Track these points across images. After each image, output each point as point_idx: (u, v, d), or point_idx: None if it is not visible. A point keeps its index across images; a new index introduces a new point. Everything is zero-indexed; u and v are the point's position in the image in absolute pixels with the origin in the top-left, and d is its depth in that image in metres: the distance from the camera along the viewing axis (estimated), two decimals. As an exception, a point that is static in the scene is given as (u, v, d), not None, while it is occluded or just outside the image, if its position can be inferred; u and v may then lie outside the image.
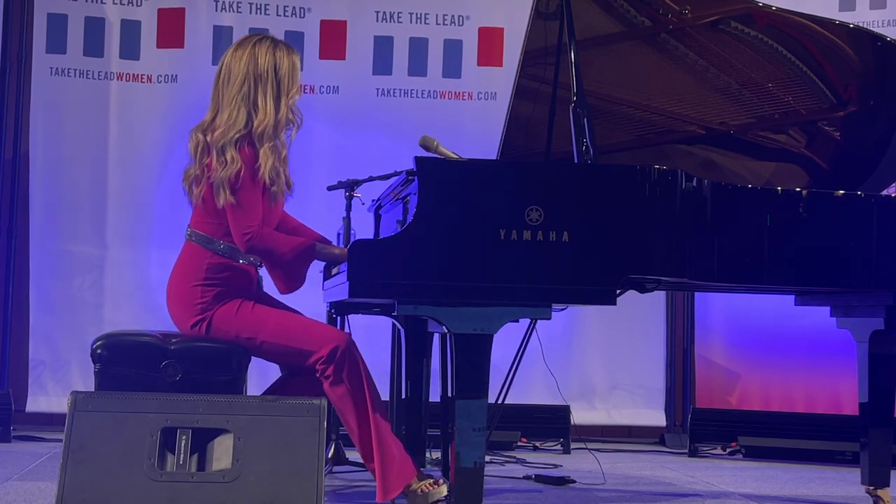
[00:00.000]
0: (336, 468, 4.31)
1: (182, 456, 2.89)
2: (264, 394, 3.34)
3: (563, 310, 3.43)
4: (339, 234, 4.11)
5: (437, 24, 6.00)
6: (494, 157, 3.67)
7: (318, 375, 3.19)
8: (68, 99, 5.74)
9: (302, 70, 5.77)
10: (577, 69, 3.31)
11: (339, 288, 3.25)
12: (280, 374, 3.51)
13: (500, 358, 3.25)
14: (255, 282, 3.39)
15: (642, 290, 3.35)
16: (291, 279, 3.28)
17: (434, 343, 3.93)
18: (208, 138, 3.25)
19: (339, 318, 4.16)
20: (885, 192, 3.85)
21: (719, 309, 5.97)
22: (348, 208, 4.10)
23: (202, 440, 2.93)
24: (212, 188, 3.22)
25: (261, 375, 5.08)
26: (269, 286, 3.49)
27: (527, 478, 4.40)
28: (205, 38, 5.81)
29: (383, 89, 5.96)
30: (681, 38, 3.73)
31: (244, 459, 2.90)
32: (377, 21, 5.97)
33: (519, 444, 5.46)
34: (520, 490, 4.10)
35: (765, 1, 3.71)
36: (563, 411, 5.48)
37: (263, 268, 3.38)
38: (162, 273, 3.44)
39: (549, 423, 5.50)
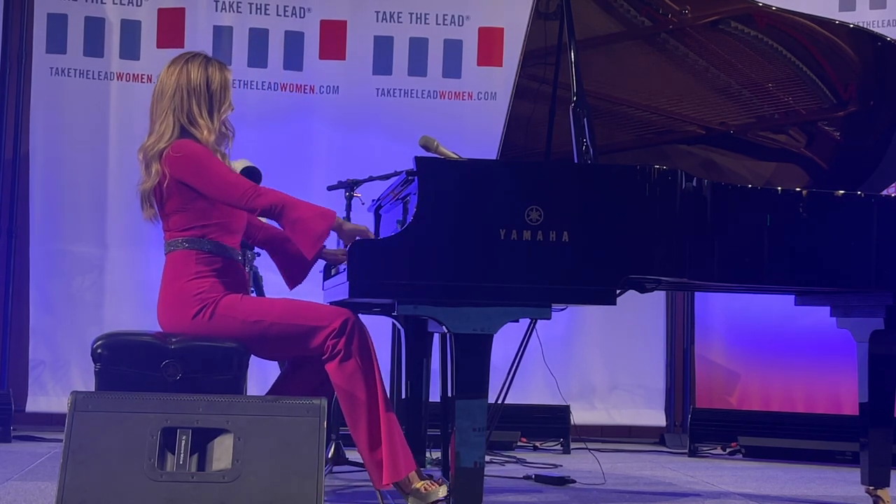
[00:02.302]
0: (336, 468, 4.31)
1: (182, 456, 2.89)
2: (267, 395, 3.33)
3: (563, 310, 3.43)
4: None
5: (437, 24, 6.00)
6: (494, 157, 3.67)
7: (325, 357, 3.16)
8: (68, 99, 5.75)
9: (303, 69, 5.87)
10: (577, 69, 3.31)
11: (339, 288, 3.25)
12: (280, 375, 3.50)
13: (500, 358, 3.25)
14: (246, 279, 3.38)
15: (642, 290, 3.35)
16: (310, 234, 3.16)
17: (434, 343, 3.93)
18: (140, 156, 3.30)
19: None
20: (885, 192, 3.85)
21: (719, 309, 5.97)
22: (348, 208, 4.10)
23: (202, 440, 2.93)
24: (146, 200, 3.28)
25: (261, 375, 5.09)
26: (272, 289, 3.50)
27: (527, 478, 4.40)
28: (205, 38, 5.81)
29: (383, 89, 5.97)
30: (681, 38, 3.73)
31: (244, 459, 2.89)
32: (377, 21, 5.97)
33: (519, 444, 5.46)
34: (520, 490, 4.10)
35: (765, 1, 3.71)
36: (563, 411, 5.48)
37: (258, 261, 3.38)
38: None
39: (549, 423, 5.50)
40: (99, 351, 3.14)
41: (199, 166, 3.20)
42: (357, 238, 3.18)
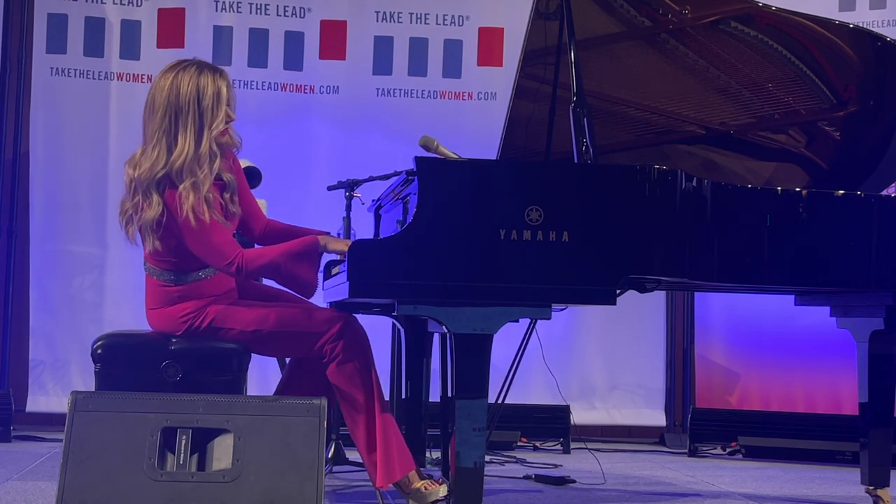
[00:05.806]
0: (336, 468, 4.32)
1: (182, 456, 2.89)
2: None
3: (563, 310, 3.44)
4: (339, 234, 4.11)
5: (437, 24, 6.00)
6: (494, 157, 3.67)
7: (325, 360, 3.16)
8: (68, 99, 5.74)
9: (303, 69, 5.86)
10: (577, 69, 3.31)
11: (339, 288, 3.25)
12: (280, 375, 3.50)
13: (500, 358, 3.25)
14: (234, 285, 3.32)
15: (642, 289, 3.35)
16: (304, 284, 3.14)
17: (434, 343, 3.93)
18: (135, 174, 3.13)
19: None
20: (885, 192, 3.85)
21: (719, 309, 5.97)
22: (348, 208, 4.10)
23: (202, 440, 2.93)
24: (141, 230, 3.15)
25: (261, 375, 5.10)
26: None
27: (527, 478, 4.40)
28: (205, 38, 5.81)
29: (383, 89, 5.96)
30: (681, 38, 3.73)
31: (244, 459, 2.90)
32: (377, 21, 5.97)
33: (519, 444, 5.46)
34: (520, 490, 4.10)
35: (765, 1, 3.71)
36: (563, 411, 5.48)
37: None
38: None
39: (549, 423, 5.50)
40: (99, 351, 3.14)
41: (189, 226, 3.06)
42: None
